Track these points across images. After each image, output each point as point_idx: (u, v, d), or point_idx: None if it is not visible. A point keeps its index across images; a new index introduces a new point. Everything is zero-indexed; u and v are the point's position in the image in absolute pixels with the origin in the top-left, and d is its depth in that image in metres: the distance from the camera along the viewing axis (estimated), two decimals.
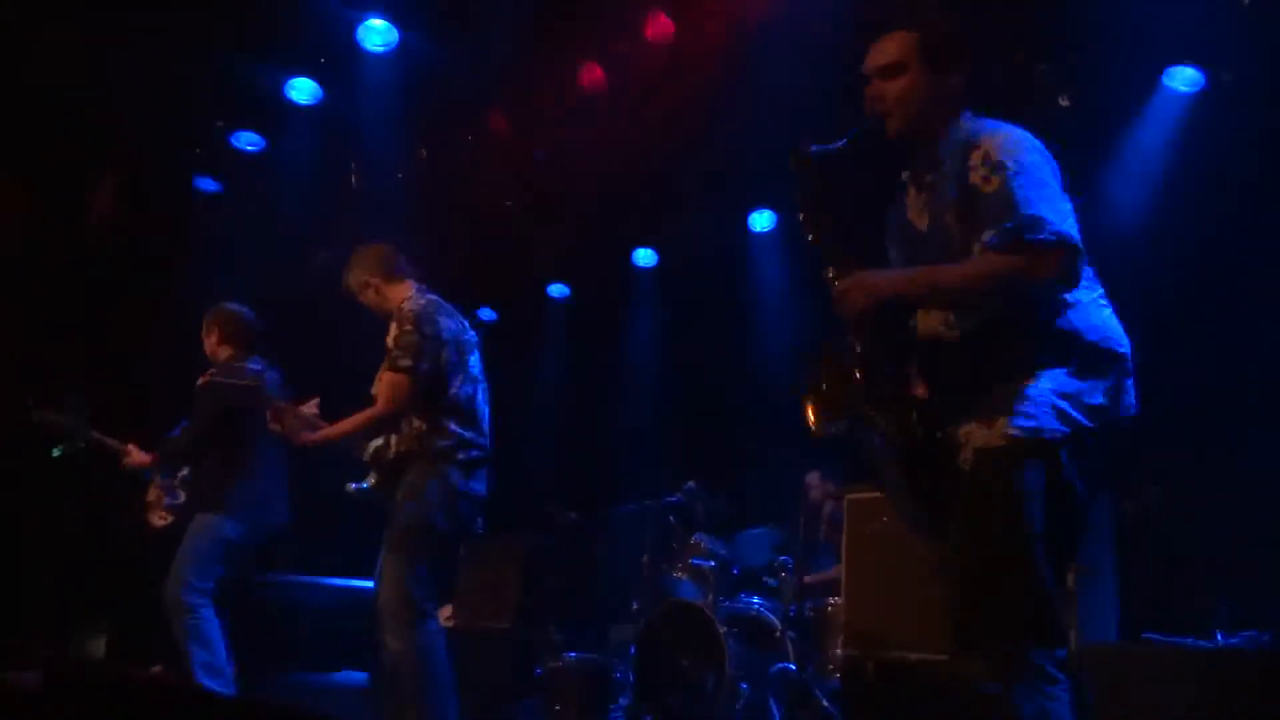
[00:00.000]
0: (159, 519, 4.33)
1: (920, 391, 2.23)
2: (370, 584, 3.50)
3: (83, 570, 5.69)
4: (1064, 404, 2.03)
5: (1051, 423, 2.02)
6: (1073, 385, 2.04)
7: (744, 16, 5.01)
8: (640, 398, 7.08)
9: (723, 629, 4.49)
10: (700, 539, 5.09)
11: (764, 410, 6.50)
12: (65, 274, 6.11)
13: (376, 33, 5.37)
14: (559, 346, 7.46)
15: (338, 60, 5.57)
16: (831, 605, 4.58)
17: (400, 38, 5.37)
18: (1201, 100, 4.82)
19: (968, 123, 2.24)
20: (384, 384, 3.38)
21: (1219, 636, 3.41)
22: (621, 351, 7.20)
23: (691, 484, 5.27)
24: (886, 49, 2.28)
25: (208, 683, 3.85)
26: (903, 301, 2.20)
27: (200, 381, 4.29)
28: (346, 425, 3.44)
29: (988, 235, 2.05)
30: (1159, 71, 4.87)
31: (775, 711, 4.41)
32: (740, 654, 4.49)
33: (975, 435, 2.08)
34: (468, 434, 3.45)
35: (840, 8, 4.64)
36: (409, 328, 3.41)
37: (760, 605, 4.82)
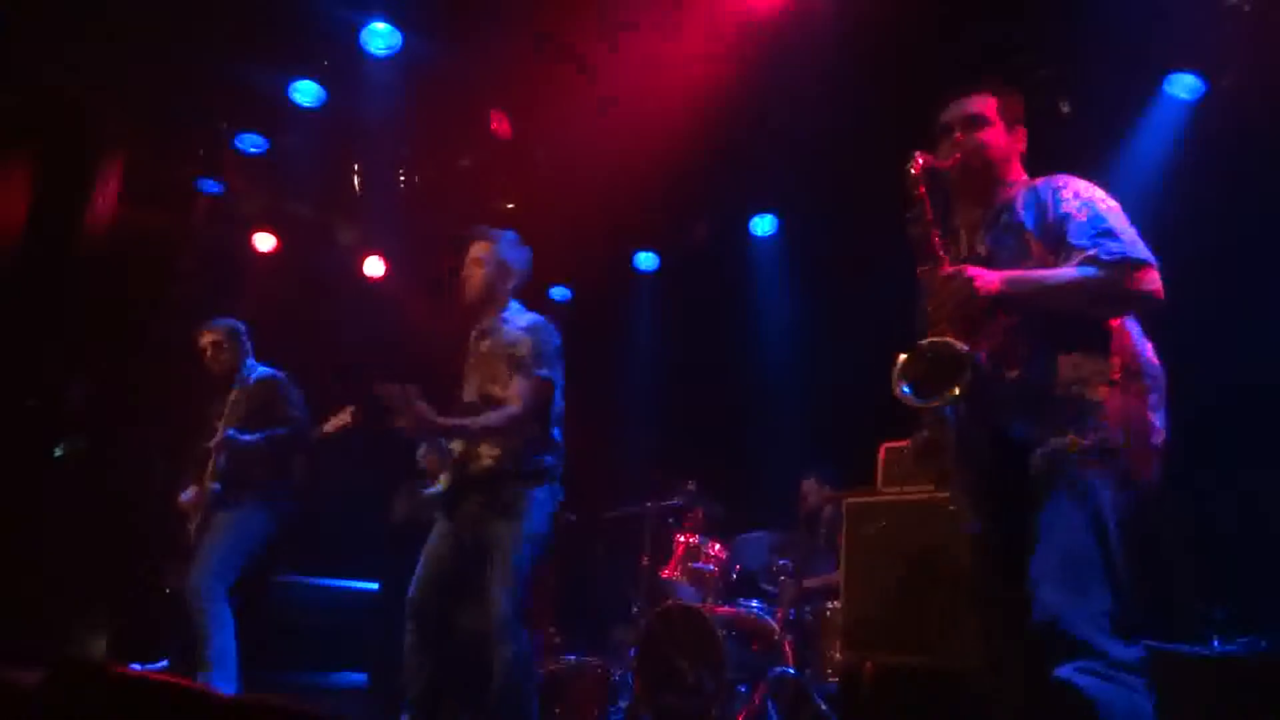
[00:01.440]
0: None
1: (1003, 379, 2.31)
2: (373, 586, 3.52)
3: (83, 568, 5.70)
4: (1129, 416, 2.20)
5: (1117, 435, 2.17)
6: (1138, 402, 2.22)
7: (749, 21, 5.02)
8: (641, 400, 7.09)
9: (721, 632, 4.50)
10: (699, 542, 5.10)
11: (764, 414, 6.51)
12: (66, 273, 6.13)
13: (380, 36, 5.38)
14: None
15: (341, 63, 5.59)
16: (830, 609, 4.59)
17: (403, 41, 5.39)
18: (1202, 107, 4.83)
19: (1050, 176, 2.45)
20: (523, 389, 3.40)
21: (1215, 643, 3.41)
22: (622, 354, 7.21)
23: (691, 487, 5.28)
24: (972, 103, 2.52)
25: (217, 674, 3.91)
26: (1008, 297, 2.27)
27: (261, 379, 4.41)
28: (482, 421, 3.41)
29: (1092, 249, 2.23)
30: (1160, 78, 4.88)
31: (773, 714, 4.42)
32: (738, 657, 4.50)
33: (1046, 441, 2.21)
34: (562, 446, 3.54)
35: (843, 12, 4.66)
36: (546, 338, 3.48)
37: (759, 608, 4.83)
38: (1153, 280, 2.23)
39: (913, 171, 2.40)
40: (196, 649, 3.99)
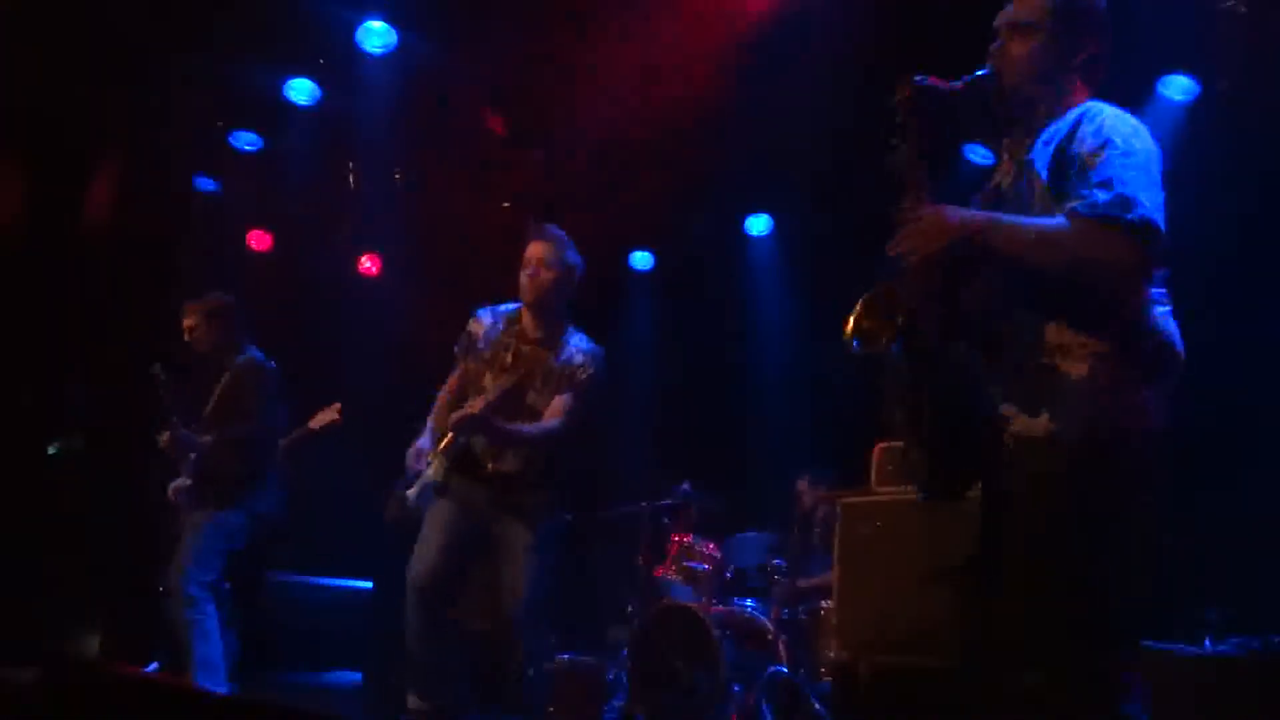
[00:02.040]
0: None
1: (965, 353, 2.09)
2: (366, 584, 3.53)
3: (77, 567, 5.69)
4: (1109, 403, 1.94)
5: (1100, 420, 1.93)
6: (1120, 384, 1.96)
7: (743, 21, 5.02)
8: (635, 400, 7.09)
9: (716, 631, 4.50)
10: (694, 541, 5.10)
11: (758, 414, 6.52)
12: (63, 271, 6.12)
13: (376, 34, 5.38)
14: None
15: (337, 61, 5.59)
16: (824, 609, 4.60)
17: (399, 39, 5.38)
18: (1196, 109, 4.84)
19: (1093, 103, 2.13)
20: (570, 409, 3.47)
21: (1208, 642, 3.43)
22: (617, 353, 7.21)
23: (686, 486, 5.28)
24: (1026, 5, 2.20)
25: (204, 678, 3.88)
26: (972, 247, 2.03)
27: (241, 366, 4.32)
28: (527, 433, 3.45)
29: (1077, 201, 1.96)
30: (1154, 80, 4.90)
31: (767, 714, 4.43)
32: (733, 657, 4.51)
33: (1016, 420, 2.00)
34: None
35: (837, 13, 4.67)
36: (602, 371, 3.60)
37: (753, 608, 4.84)
38: (1122, 246, 1.91)
39: (903, 95, 2.17)
40: (182, 652, 3.96)
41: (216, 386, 4.35)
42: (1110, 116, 2.07)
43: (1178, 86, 4.85)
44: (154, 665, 4.36)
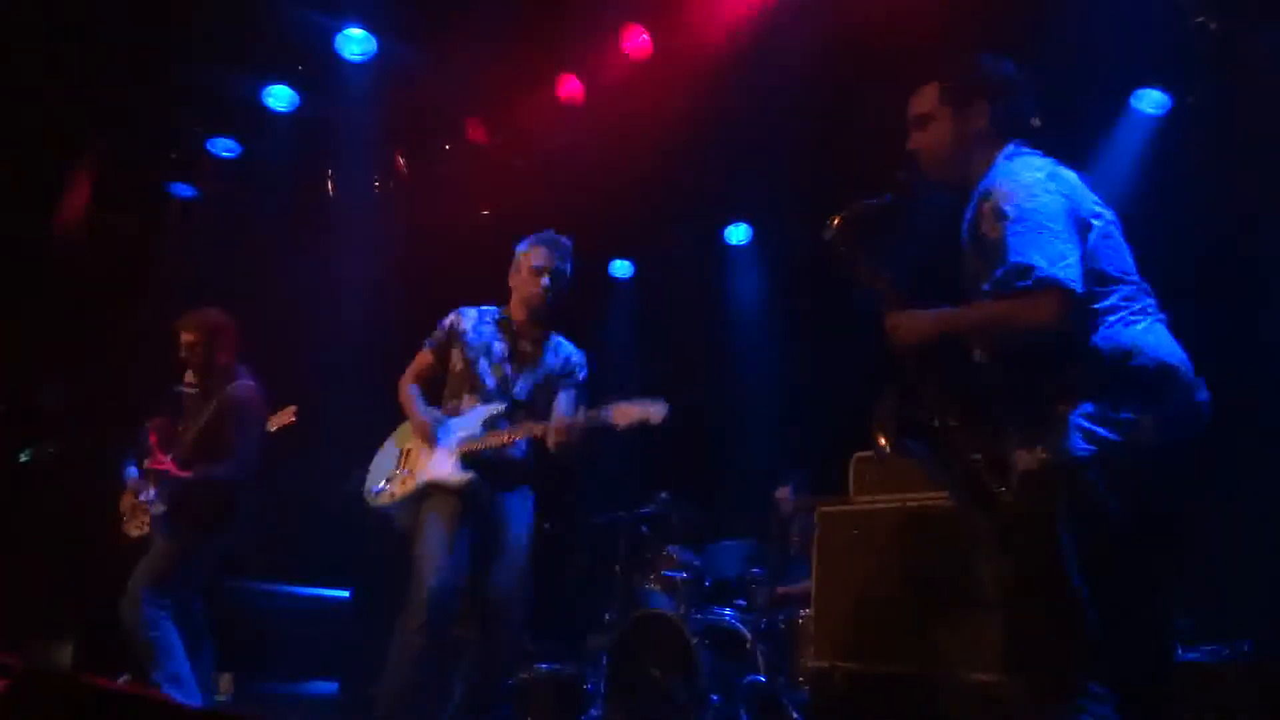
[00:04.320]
0: (135, 529, 4.25)
1: (959, 417, 2.35)
2: (344, 594, 3.49)
3: (49, 577, 5.62)
4: (1087, 423, 2.11)
5: (1078, 443, 2.11)
6: (1097, 404, 2.12)
7: (722, 31, 5.05)
8: None
9: (694, 640, 4.50)
10: (673, 550, 5.10)
11: (738, 422, 6.53)
12: (37, 276, 6.06)
13: (355, 41, 5.37)
14: None
15: (316, 68, 5.57)
16: (802, 617, 4.61)
17: (379, 46, 5.38)
18: (1168, 122, 4.91)
19: (1002, 162, 2.36)
20: (573, 407, 3.54)
21: (1179, 650, 3.46)
22: (596, 361, 7.21)
23: (665, 495, 5.29)
24: (917, 102, 2.48)
25: (173, 693, 3.83)
26: (942, 339, 2.35)
27: (232, 397, 4.22)
28: (584, 425, 3.46)
29: (984, 283, 2.23)
30: (1127, 94, 4.97)
31: None
32: (711, 665, 4.50)
33: (1020, 459, 2.20)
34: None
35: (816, 23, 4.70)
36: (588, 372, 3.70)
37: (732, 617, 4.84)
38: (1032, 309, 2.13)
39: (832, 234, 2.49)
40: (148, 675, 3.90)
41: (202, 410, 4.24)
42: (1003, 187, 2.26)
43: (1151, 100, 4.93)
44: (124, 676, 4.30)
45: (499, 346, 3.60)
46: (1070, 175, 2.35)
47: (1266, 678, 3.11)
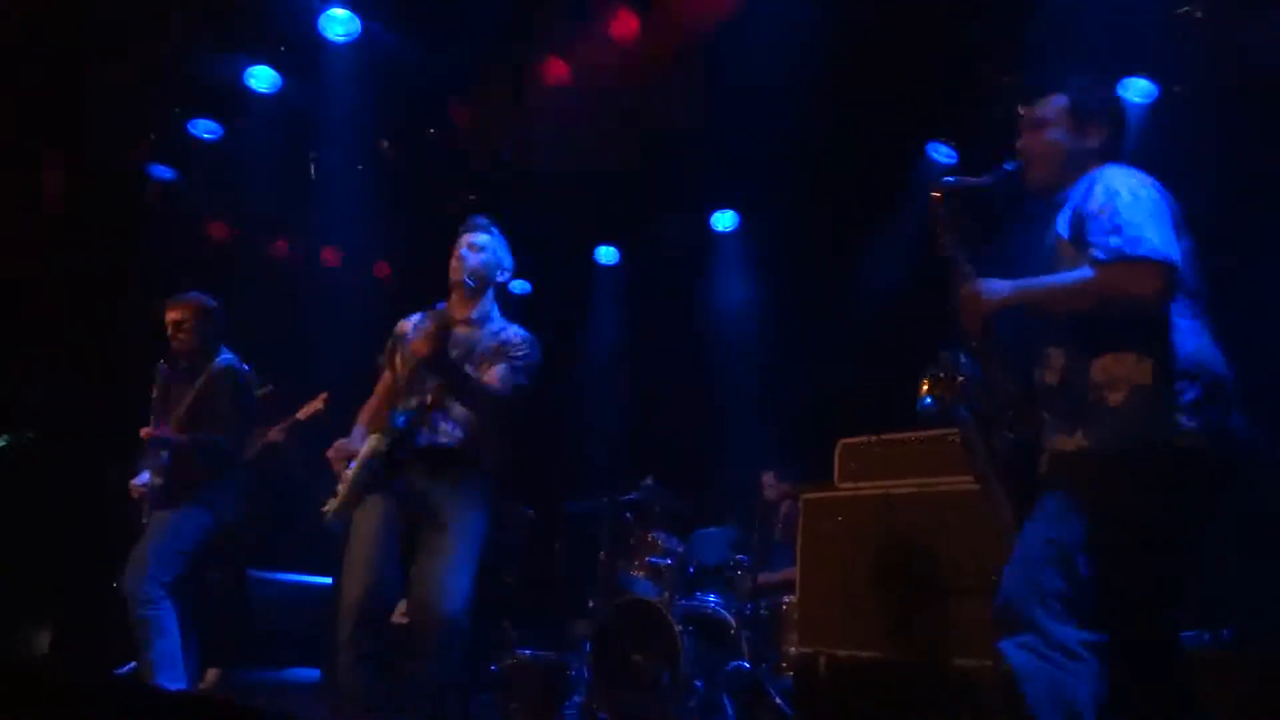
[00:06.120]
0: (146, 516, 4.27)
1: (1022, 400, 2.44)
2: (326, 580, 3.42)
3: (27, 565, 5.58)
4: (1139, 419, 2.19)
5: (1128, 436, 2.19)
6: (1155, 403, 2.19)
7: (710, 15, 5.02)
8: (599, 394, 7.08)
9: (678, 627, 4.50)
10: (657, 537, 5.10)
11: (722, 409, 6.54)
12: (15, 262, 5.99)
13: (339, 22, 5.31)
14: None
15: (298, 49, 5.51)
16: (786, 604, 4.62)
17: (363, 27, 5.32)
18: (1156, 110, 4.93)
19: (1106, 167, 2.43)
20: (506, 378, 3.35)
21: None
22: (581, 348, 7.20)
23: (649, 481, 5.28)
24: (1037, 107, 2.56)
25: (166, 673, 3.85)
26: (1018, 308, 2.40)
27: (218, 371, 4.30)
28: (473, 379, 3.31)
29: (1095, 250, 2.25)
30: (1115, 82, 4.97)
31: (729, 709, 4.44)
32: (695, 652, 4.51)
33: (1057, 442, 2.29)
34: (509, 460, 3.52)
35: (804, 11, 4.68)
36: (537, 354, 3.48)
37: (716, 603, 4.84)
38: (1140, 279, 2.19)
39: (933, 201, 2.58)
40: (140, 650, 3.92)
41: (190, 388, 4.30)
42: (1116, 174, 2.36)
43: (1137, 89, 4.94)
44: (130, 667, 4.30)
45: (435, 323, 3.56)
46: None
47: (1247, 664, 3.13)
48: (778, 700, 4.29)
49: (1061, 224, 2.41)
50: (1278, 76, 4.38)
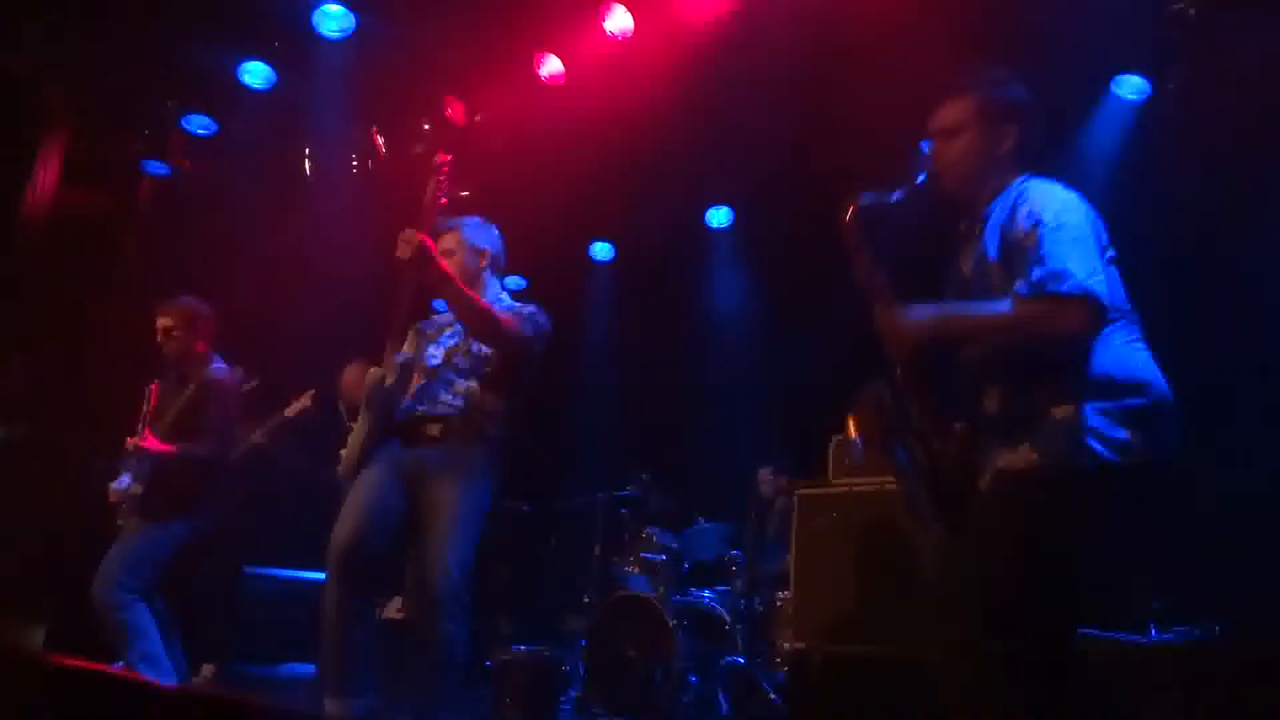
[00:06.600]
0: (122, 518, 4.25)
1: (957, 425, 2.39)
2: (320, 576, 3.39)
3: (21, 559, 5.57)
4: (1086, 438, 2.14)
5: (1072, 454, 2.14)
6: (1097, 420, 2.16)
7: (705, 11, 5.02)
8: (594, 390, 7.09)
9: (672, 622, 4.52)
10: (652, 532, 5.11)
11: (717, 404, 6.55)
12: (5, 256, 5.97)
13: (333, 18, 5.31)
14: None
15: (292, 44, 5.50)
16: (780, 599, 4.63)
17: (357, 23, 5.31)
18: (1149, 107, 4.94)
19: (1030, 181, 2.37)
20: (513, 320, 3.33)
21: (1153, 631, 3.50)
22: (576, 344, 7.21)
23: (644, 477, 5.30)
24: (948, 112, 2.45)
25: (150, 674, 3.82)
26: (938, 339, 2.34)
27: (209, 381, 4.26)
28: (470, 293, 3.28)
29: (1019, 284, 2.21)
30: (1108, 79, 4.99)
31: (723, 704, 4.45)
32: (689, 646, 4.53)
33: (1000, 458, 2.24)
34: (517, 431, 3.40)
35: (799, 5, 4.68)
36: (542, 318, 3.44)
37: (710, 598, 4.86)
38: (1064, 316, 2.14)
39: (847, 220, 2.44)
40: (121, 656, 3.89)
41: (179, 395, 4.27)
42: (1040, 195, 2.29)
43: (1130, 86, 4.96)
44: (119, 665, 4.28)
45: (428, 322, 3.60)
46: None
47: (1238, 660, 3.14)
48: (772, 695, 4.31)
49: (990, 244, 2.34)
50: (1269, 72, 4.39)
